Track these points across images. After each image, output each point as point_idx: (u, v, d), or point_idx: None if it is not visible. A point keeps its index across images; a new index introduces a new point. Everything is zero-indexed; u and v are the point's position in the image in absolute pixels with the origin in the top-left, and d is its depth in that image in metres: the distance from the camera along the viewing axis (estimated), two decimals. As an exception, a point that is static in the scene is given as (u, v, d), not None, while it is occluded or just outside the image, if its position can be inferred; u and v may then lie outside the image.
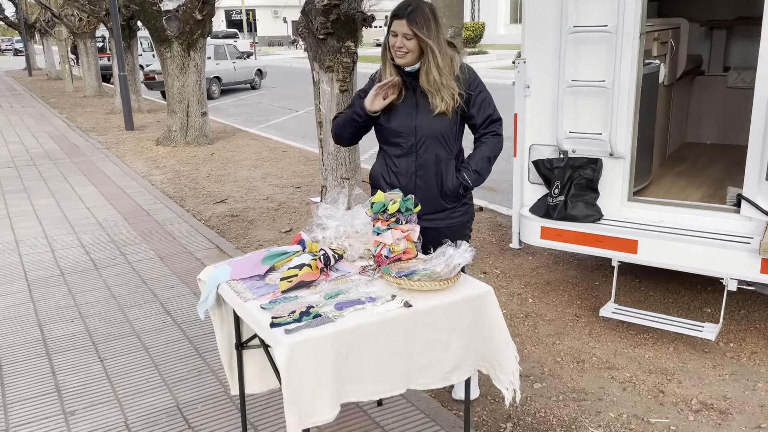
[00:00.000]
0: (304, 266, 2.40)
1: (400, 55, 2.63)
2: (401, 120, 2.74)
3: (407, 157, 2.78)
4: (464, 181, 2.79)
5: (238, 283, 2.39)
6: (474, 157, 2.82)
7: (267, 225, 6.12)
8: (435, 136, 2.73)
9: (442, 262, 2.30)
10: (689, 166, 4.71)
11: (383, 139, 2.84)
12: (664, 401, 3.10)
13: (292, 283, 2.29)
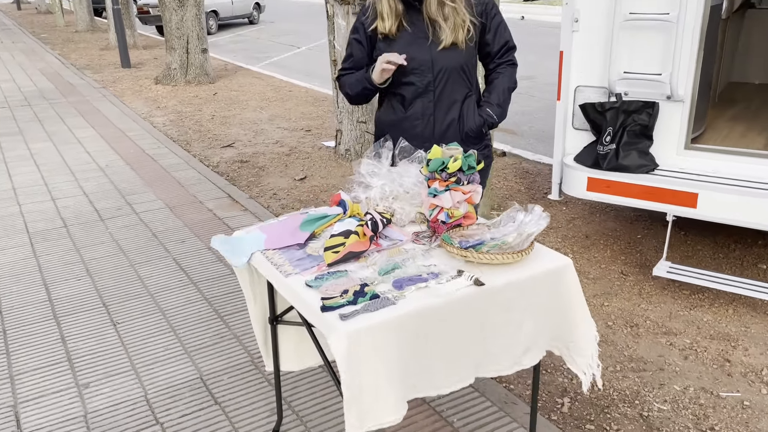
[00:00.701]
0: (351, 233, 2.08)
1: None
2: (414, 54, 2.39)
3: (423, 97, 2.46)
4: (488, 117, 2.50)
5: (275, 253, 2.07)
6: (494, 89, 2.52)
7: (279, 172, 5.77)
8: (454, 70, 2.43)
9: (512, 230, 1.97)
10: (743, 108, 4.33)
11: (393, 82, 2.48)
12: (731, 371, 2.84)
13: (339, 254, 1.97)
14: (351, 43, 2.50)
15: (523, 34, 15.26)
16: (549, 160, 5.90)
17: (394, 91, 2.50)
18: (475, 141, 2.53)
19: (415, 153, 2.40)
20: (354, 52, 2.50)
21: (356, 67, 2.50)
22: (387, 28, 2.40)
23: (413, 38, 2.40)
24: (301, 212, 2.37)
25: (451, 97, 2.46)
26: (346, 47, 2.55)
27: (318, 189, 5.26)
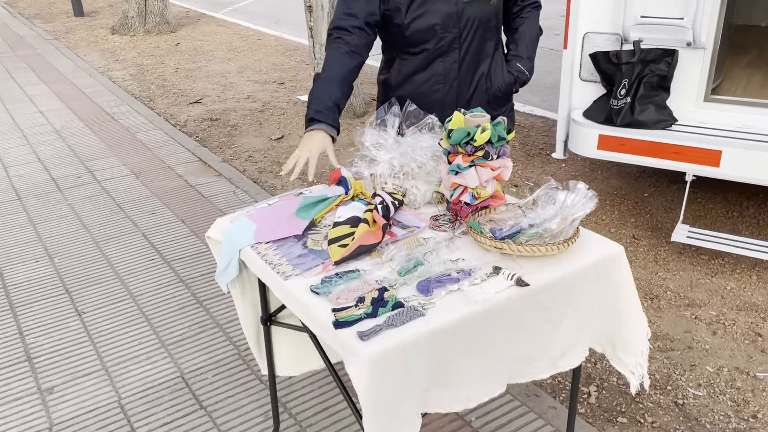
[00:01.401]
0: (359, 221, 1.74)
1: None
2: (435, 5, 1.98)
3: (445, 56, 2.06)
4: (520, 74, 2.16)
5: (269, 247, 1.72)
6: (522, 38, 2.17)
7: (254, 131, 5.33)
8: (483, 21, 2.04)
9: (553, 213, 1.65)
10: (757, 55, 4.03)
11: (407, 42, 2.05)
12: (764, 347, 2.62)
13: (348, 249, 1.63)
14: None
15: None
16: (542, 112, 5.56)
17: (409, 50, 2.08)
18: (502, 102, 2.18)
19: (425, 119, 2.04)
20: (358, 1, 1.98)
21: (357, 27, 1.95)
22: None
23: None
24: (296, 193, 2.01)
25: (479, 55, 2.08)
26: None
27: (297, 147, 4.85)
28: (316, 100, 1.92)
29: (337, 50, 1.97)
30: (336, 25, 2.01)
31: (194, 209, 3.86)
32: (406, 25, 2.00)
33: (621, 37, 3.26)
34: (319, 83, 1.95)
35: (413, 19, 1.98)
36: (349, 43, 1.97)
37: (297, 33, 9.37)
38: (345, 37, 1.97)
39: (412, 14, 1.98)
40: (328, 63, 1.97)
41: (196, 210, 3.85)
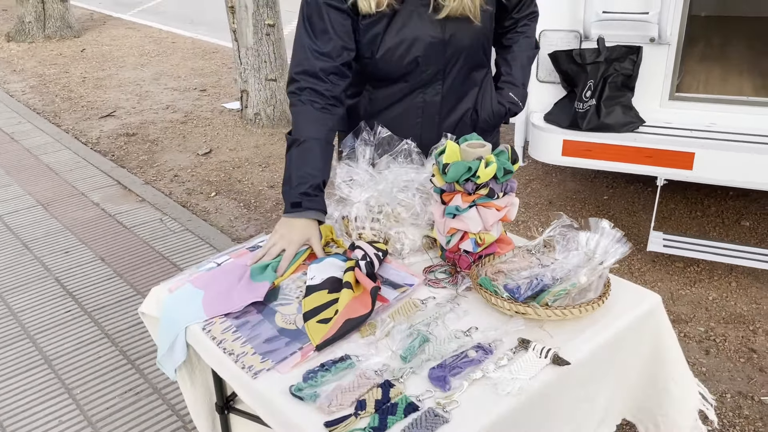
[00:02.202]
0: (340, 286, 1.39)
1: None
2: (415, 32, 1.57)
3: (425, 90, 1.68)
4: (513, 105, 1.80)
5: (226, 328, 1.34)
6: (515, 60, 1.78)
7: (177, 145, 4.83)
8: (471, 47, 1.65)
9: (577, 260, 1.35)
10: (706, 46, 3.92)
11: (382, 75, 1.66)
12: (762, 365, 2.44)
13: (333, 328, 1.28)
14: (325, 12, 1.54)
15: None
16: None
17: (383, 81, 1.67)
18: (491, 130, 1.83)
19: (400, 144, 1.70)
20: (334, 25, 1.54)
21: (332, 72, 1.56)
22: (372, 4, 1.52)
23: (413, 11, 1.56)
24: (249, 246, 1.63)
25: (464, 86, 1.71)
26: (312, 15, 1.55)
27: (229, 166, 4.41)
28: (299, 177, 1.52)
29: (310, 106, 1.55)
30: (303, 69, 1.56)
31: (116, 244, 3.37)
32: (381, 57, 1.60)
33: (581, 34, 3.03)
34: (297, 151, 1.53)
35: (389, 49, 1.59)
36: (324, 95, 1.55)
37: (214, 34, 8.81)
38: (317, 87, 1.55)
39: (389, 43, 1.58)
40: (303, 124, 1.55)
41: (118, 245, 3.36)
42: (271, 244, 1.50)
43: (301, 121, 1.55)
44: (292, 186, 1.52)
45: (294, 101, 1.57)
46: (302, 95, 1.55)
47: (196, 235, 3.46)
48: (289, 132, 1.58)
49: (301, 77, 1.56)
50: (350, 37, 1.57)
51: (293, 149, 1.54)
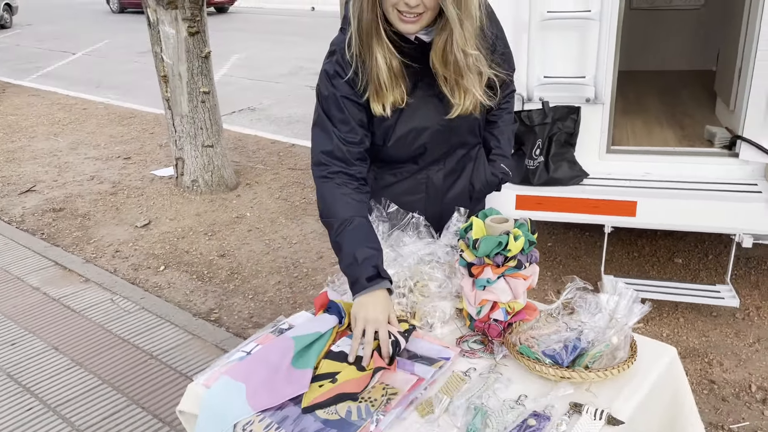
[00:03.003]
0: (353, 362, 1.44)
1: (412, 18, 1.50)
2: (423, 122, 1.68)
3: (429, 169, 1.79)
4: (504, 174, 1.93)
5: (263, 423, 1.33)
6: (503, 134, 1.91)
7: (112, 218, 4.65)
8: (470, 130, 1.78)
9: (605, 321, 1.46)
10: (624, 100, 4.28)
11: (390, 158, 1.76)
12: (724, 395, 2.65)
13: (326, 395, 1.36)
14: (342, 104, 1.61)
15: (318, 26, 14.92)
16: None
17: (388, 161, 1.76)
18: (482, 198, 1.96)
19: (406, 217, 1.77)
20: (352, 116, 1.62)
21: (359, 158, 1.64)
22: (389, 106, 1.60)
23: (421, 101, 1.65)
24: (273, 330, 1.63)
25: (463, 163, 1.83)
26: (330, 107, 1.62)
27: (173, 236, 4.30)
28: (363, 253, 1.52)
29: (347, 188, 1.61)
30: (333, 154, 1.62)
31: (68, 330, 3.19)
32: (392, 145, 1.70)
33: (524, 97, 3.25)
34: (351, 231, 1.56)
35: (400, 138, 1.68)
36: (357, 177, 1.64)
37: (126, 98, 8.62)
38: (349, 171, 1.63)
39: (400, 132, 1.67)
40: (343, 205, 1.60)
41: (70, 331, 3.18)
42: (360, 332, 1.47)
43: (340, 203, 1.59)
44: (359, 263, 1.52)
45: (329, 184, 1.62)
46: (336, 178, 1.61)
47: (153, 313, 3.34)
48: (322, 215, 1.61)
49: (331, 161, 1.62)
50: (366, 126, 1.65)
51: (346, 230, 1.56)
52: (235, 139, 6.36)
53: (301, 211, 4.63)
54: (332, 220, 1.59)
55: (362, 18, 1.51)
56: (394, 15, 1.51)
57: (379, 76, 1.55)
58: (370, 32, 1.52)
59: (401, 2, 1.48)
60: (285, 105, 8.01)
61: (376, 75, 1.55)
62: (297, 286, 3.64)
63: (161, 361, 2.95)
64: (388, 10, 1.51)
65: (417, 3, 1.47)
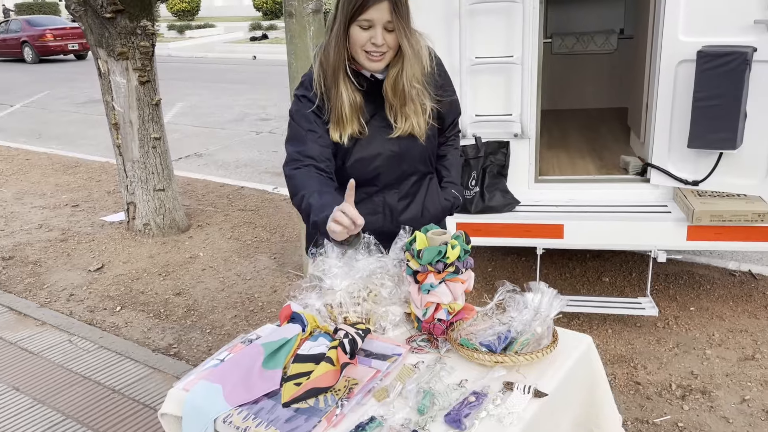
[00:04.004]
0: (321, 359, 1.64)
1: (377, 57, 1.82)
2: (377, 148, 1.95)
3: (384, 192, 2.04)
4: (455, 199, 2.18)
5: (245, 417, 1.51)
6: (452, 165, 2.18)
7: (63, 264, 4.70)
8: (420, 158, 2.03)
9: (531, 316, 1.72)
10: (550, 136, 4.68)
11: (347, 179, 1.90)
12: (648, 394, 2.94)
13: (300, 390, 1.56)
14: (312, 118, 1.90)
15: (260, 74, 15.23)
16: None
17: (345, 179, 1.95)
18: (436, 224, 2.17)
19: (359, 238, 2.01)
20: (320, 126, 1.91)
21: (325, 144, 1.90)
22: (344, 136, 1.89)
23: (375, 131, 1.94)
24: (243, 340, 1.82)
25: (417, 188, 2.08)
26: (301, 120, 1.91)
27: (127, 278, 4.39)
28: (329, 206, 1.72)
29: (315, 172, 1.86)
30: (304, 152, 1.87)
31: (27, 371, 3.24)
32: (350, 166, 1.96)
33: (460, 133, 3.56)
34: (318, 196, 1.78)
35: (357, 161, 1.95)
36: (326, 171, 1.88)
37: (70, 147, 8.64)
38: (318, 165, 1.87)
39: (357, 156, 1.94)
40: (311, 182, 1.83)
41: (30, 372, 3.24)
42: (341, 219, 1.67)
43: (309, 181, 1.82)
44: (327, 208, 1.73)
45: (300, 171, 1.85)
46: (304, 168, 1.85)
47: (113, 351, 3.43)
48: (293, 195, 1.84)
49: (303, 158, 1.86)
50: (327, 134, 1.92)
51: (314, 196, 1.78)
52: (184, 184, 6.49)
53: (254, 249, 4.79)
54: (303, 191, 1.81)
55: (329, 59, 1.82)
56: (362, 56, 1.82)
57: (342, 109, 1.85)
58: (336, 71, 1.83)
59: (368, 44, 1.79)
60: (232, 150, 8.19)
61: (339, 108, 1.85)
62: (253, 319, 3.79)
63: (124, 394, 3.04)
64: (357, 52, 1.81)
65: (382, 42, 1.79)
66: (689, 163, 3.36)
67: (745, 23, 3.04)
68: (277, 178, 6.73)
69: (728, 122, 3.10)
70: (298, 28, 3.60)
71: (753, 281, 3.94)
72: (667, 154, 3.42)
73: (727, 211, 3.17)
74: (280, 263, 4.53)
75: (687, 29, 3.16)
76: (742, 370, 3.08)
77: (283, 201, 5.89)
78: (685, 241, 3.34)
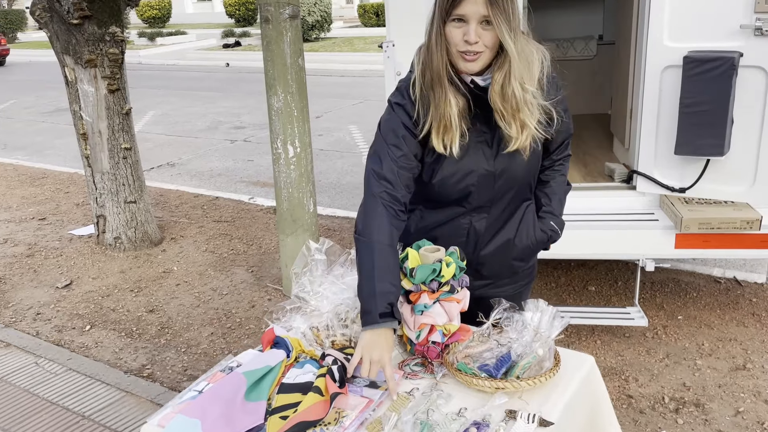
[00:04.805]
0: (309, 389, 1.52)
1: (472, 57, 1.60)
2: (471, 165, 1.73)
3: (471, 215, 1.82)
4: (554, 233, 1.95)
5: (236, 451, 1.39)
6: (555, 194, 1.95)
7: (29, 281, 4.50)
8: (518, 180, 1.79)
9: (531, 338, 1.61)
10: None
11: (431, 198, 1.81)
12: (641, 408, 2.87)
13: (287, 424, 1.43)
14: (401, 131, 1.70)
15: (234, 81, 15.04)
16: (343, 213, 5.65)
17: (435, 203, 1.81)
18: (528, 259, 1.95)
19: (343, 254, 1.89)
20: (407, 143, 1.70)
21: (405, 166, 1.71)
22: (452, 146, 1.67)
23: (471, 145, 1.71)
24: (223, 369, 1.69)
25: (508, 213, 1.84)
26: (388, 132, 1.72)
27: (97, 295, 4.20)
28: (382, 288, 1.59)
29: (385, 209, 1.68)
30: (383, 176, 1.69)
31: (-11, 397, 3.05)
32: (437, 182, 1.75)
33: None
34: (378, 257, 1.63)
35: (446, 177, 1.74)
36: (399, 201, 1.70)
37: (36, 158, 8.37)
38: (394, 192, 1.70)
39: (446, 172, 1.73)
40: (379, 226, 1.67)
41: (-9, 398, 3.05)
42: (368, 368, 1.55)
43: (377, 222, 1.66)
44: (376, 296, 1.59)
45: (371, 201, 1.70)
46: (380, 198, 1.68)
47: (82, 373, 3.25)
48: (356, 232, 1.68)
49: (379, 180, 1.69)
50: (417, 158, 1.73)
51: (376, 252, 1.63)
52: (157, 195, 6.30)
53: (230, 262, 4.64)
54: (363, 239, 1.66)
55: (431, 61, 1.62)
56: (457, 56, 1.61)
57: (450, 115, 1.64)
58: (440, 74, 1.62)
59: (461, 43, 1.58)
60: (205, 159, 8.01)
61: (447, 113, 1.64)
62: (231, 336, 3.64)
63: (94, 420, 2.88)
64: (453, 53, 1.61)
65: (476, 39, 1.57)
66: (676, 170, 3.31)
67: (731, 28, 3.00)
68: (253, 187, 6.58)
69: (716, 128, 3.05)
70: (274, 33, 3.48)
71: (738, 288, 3.90)
72: (653, 161, 3.36)
73: (715, 218, 3.11)
74: (257, 276, 4.39)
75: (672, 34, 3.12)
76: (734, 380, 3.02)
77: (259, 211, 5.75)
78: (673, 249, 3.29)
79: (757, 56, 2.99)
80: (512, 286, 1.91)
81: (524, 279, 1.98)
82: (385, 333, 1.60)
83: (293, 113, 3.61)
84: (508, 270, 1.91)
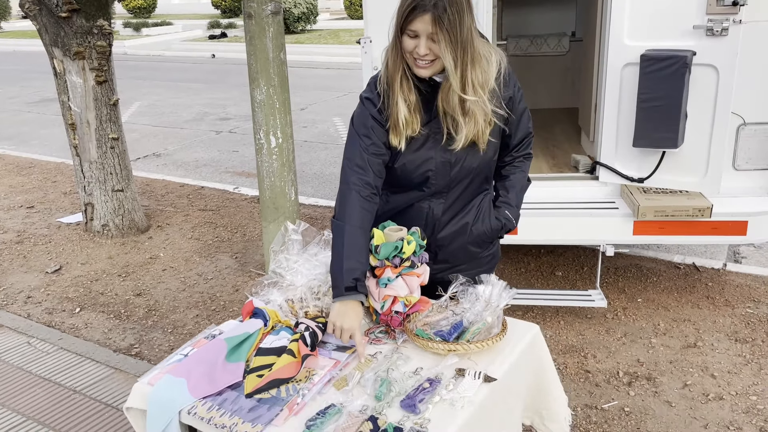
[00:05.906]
0: (283, 352, 1.71)
1: (425, 64, 1.79)
2: (428, 154, 1.92)
3: (430, 200, 2.00)
4: (508, 221, 2.09)
5: (209, 408, 1.58)
6: (512, 187, 2.10)
7: (20, 266, 4.64)
8: (474, 170, 1.96)
9: (482, 307, 1.81)
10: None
11: (394, 182, 2.00)
12: (597, 381, 3.09)
13: (263, 381, 1.63)
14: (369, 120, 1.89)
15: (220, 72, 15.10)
16: (326, 202, 5.83)
17: (397, 188, 2.00)
18: (485, 245, 2.12)
19: (318, 236, 2.08)
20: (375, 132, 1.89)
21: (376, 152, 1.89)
22: (402, 141, 1.87)
23: (430, 134, 1.89)
24: (206, 336, 1.87)
25: (464, 200, 2.02)
26: (359, 124, 1.91)
27: (86, 280, 4.36)
28: (349, 266, 1.78)
29: (358, 193, 1.86)
30: (356, 162, 1.88)
31: (-16, 374, 3.22)
32: (398, 167, 1.93)
33: (416, 133, 3.66)
34: (348, 239, 1.81)
35: (406, 163, 1.92)
36: (370, 184, 1.88)
37: (23, 148, 8.45)
38: (365, 177, 1.87)
39: (406, 158, 1.92)
40: (351, 209, 1.85)
41: (-14, 374, 3.21)
42: (339, 335, 1.76)
43: (349, 206, 1.85)
44: (344, 272, 1.78)
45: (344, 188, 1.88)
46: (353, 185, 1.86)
47: (73, 352, 3.42)
48: (334, 216, 1.87)
49: (353, 166, 1.87)
50: (386, 145, 1.91)
51: (346, 234, 1.81)
52: (143, 184, 6.44)
53: (215, 249, 4.81)
54: (338, 222, 1.85)
55: (388, 65, 1.83)
56: (412, 62, 1.80)
57: (398, 114, 1.83)
58: (395, 74, 1.82)
59: (414, 52, 1.77)
60: (191, 150, 8.14)
61: (394, 114, 1.84)
62: (215, 318, 3.82)
63: (85, 395, 3.05)
64: (408, 58, 1.80)
65: (425, 53, 1.75)
66: (635, 161, 3.52)
67: (685, 28, 3.21)
68: (238, 177, 6.73)
69: (670, 122, 3.26)
70: (257, 29, 3.64)
71: (696, 273, 4.14)
72: (614, 152, 3.57)
73: (669, 206, 3.33)
74: (241, 262, 4.56)
75: (631, 33, 3.32)
76: (684, 357, 3.25)
77: (244, 201, 5.91)
78: (631, 235, 3.51)
79: (709, 55, 3.20)
80: (470, 272, 2.04)
81: (483, 266, 2.14)
82: (353, 304, 1.79)
83: (275, 105, 3.78)
84: (464, 254, 2.08)
